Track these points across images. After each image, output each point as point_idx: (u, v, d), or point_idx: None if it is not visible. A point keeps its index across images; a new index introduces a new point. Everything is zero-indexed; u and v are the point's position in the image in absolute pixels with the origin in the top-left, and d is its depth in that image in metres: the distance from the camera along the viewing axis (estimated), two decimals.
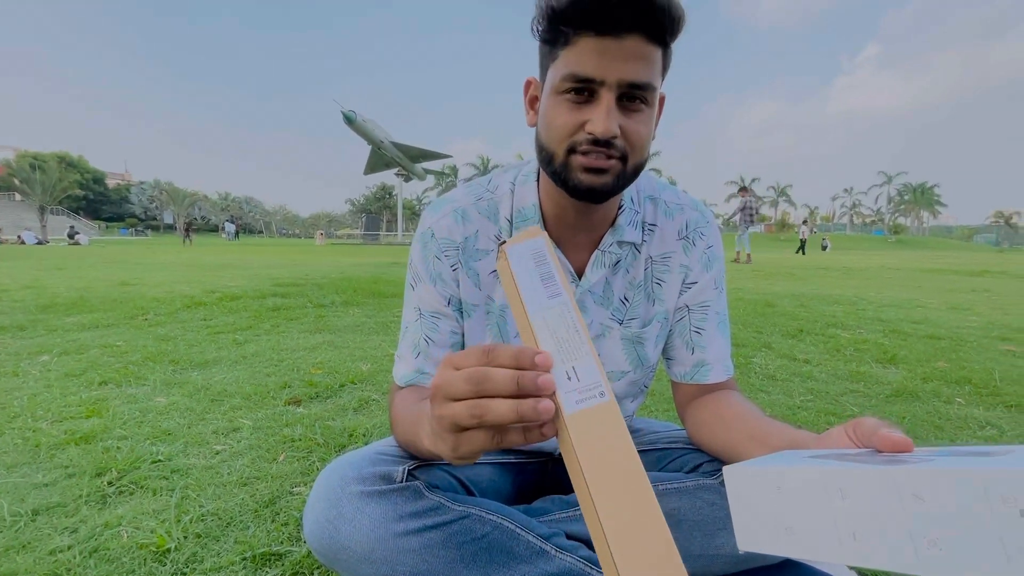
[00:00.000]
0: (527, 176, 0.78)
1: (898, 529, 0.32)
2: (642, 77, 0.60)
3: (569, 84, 0.61)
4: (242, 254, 14.56)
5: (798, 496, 0.38)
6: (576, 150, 0.64)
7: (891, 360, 2.64)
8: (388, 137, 32.09)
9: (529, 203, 0.76)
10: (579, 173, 0.65)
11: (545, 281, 0.42)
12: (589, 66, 0.60)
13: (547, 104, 0.66)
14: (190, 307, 3.98)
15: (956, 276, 9.15)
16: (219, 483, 1.21)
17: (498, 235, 0.78)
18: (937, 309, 4.70)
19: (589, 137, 0.62)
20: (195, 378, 2.08)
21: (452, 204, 0.79)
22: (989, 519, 0.29)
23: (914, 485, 0.32)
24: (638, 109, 0.63)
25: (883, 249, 37.32)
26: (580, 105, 0.62)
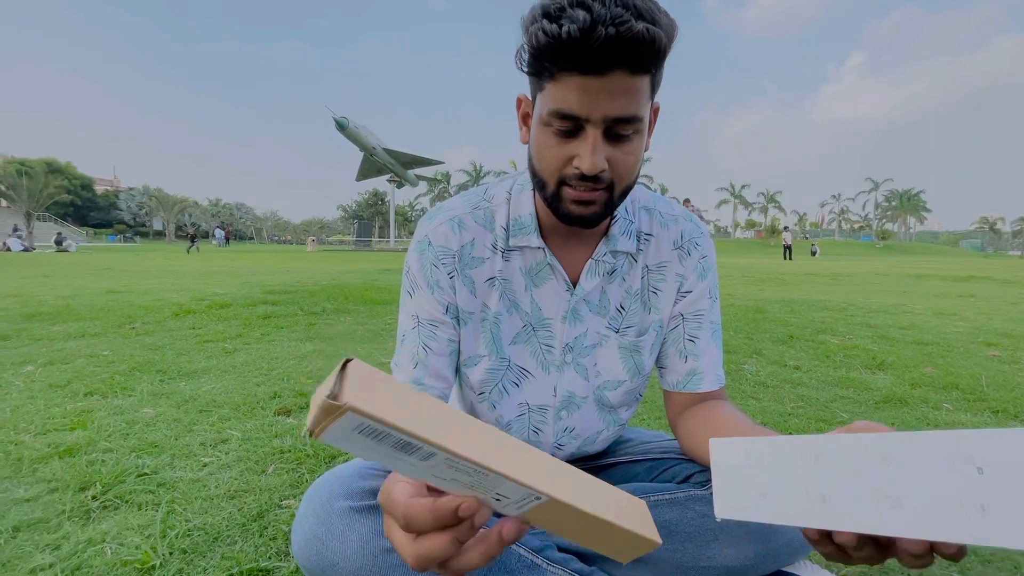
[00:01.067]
0: (523, 185, 0.79)
1: (865, 491, 0.33)
2: (628, 111, 0.60)
3: (555, 120, 0.62)
4: (232, 261, 14.45)
5: (776, 463, 0.40)
6: (566, 182, 0.65)
7: (880, 366, 2.67)
8: (380, 143, 32.09)
9: (526, 212, 0.77)
10: (569, 204, 0.66)
11: (402, 448, 0.33)
12: (574, 104, 0.60)
13: (537, 133, 0.66)
14: (179, 315, 3.93)
15: (942, 281, 9.28)
16: (206, 496, 1.19)
17: (494, 243, 0.78)
18: (924, 315, 4.75)
19: (577, 172, 0.63)
20: (183, 388, 2.05)
21: (448, 213, 0.79)
22: (950, 478, 0.30)
23: (882, 448, 0.33)
24: (626, 140, 0.63)
25: (871, 255, 37.79)
26: (567, 139, 0.63)
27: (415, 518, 0.39)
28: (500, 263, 0.78)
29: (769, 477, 0.41)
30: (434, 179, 62.49)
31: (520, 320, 0.79)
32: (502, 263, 0.78)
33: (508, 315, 0.79)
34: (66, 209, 59.98)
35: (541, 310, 0.79)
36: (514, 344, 0.80)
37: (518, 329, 0.79)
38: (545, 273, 0.78)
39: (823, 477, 0.36)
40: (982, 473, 0.29)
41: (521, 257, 0.78)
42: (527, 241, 0.76)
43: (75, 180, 63.23)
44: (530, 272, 0.78)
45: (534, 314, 0.79)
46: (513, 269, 0.78)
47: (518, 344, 0.80)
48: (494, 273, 0.78)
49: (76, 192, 62.74)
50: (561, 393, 0.83)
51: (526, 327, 0.79)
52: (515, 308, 0.78)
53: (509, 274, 0.78)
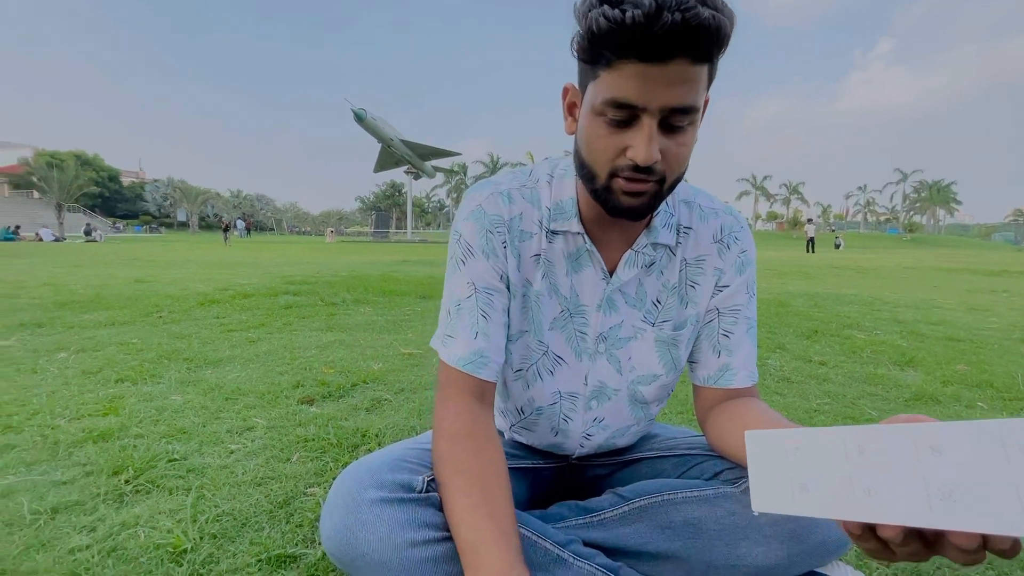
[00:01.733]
0: (566, 170, 0.78)
1: (913, 482, 0.32)
2: (686, 101, 0.58)
3: (611, 109, 0.60)
4: (253, 252, 14.70)
5: (816, 455, 0.39)
6: (618, 174, 0.63)
7: (909, 362, 2.59)
8: (398, 135, 32.20)
9: (567, 197, 0.76)
10: (620, 196, 0.64)
11: None
12: (631, 92, 0.57)
13: (587, 122, 0.64)
14: (204, 305, 4.02)
15: (974, 276, 8.98)
16: (234, 483, 1.21)
17: (540, 220, 0.77)
18: (956, 310, 4.61)
19: (630, 163, 0.61)
20: (209, 376, 2.10)
21: (498, 186, 0.78)
22: (1005, 467, 0.28)
23: (931, 439, 0.32)
24: (681, 131, 0.61)
25: (898, 248, 36.73)
26: (621, 129, 0.61)
27: None
28: (545, 242, 0.77)
29: (809, 469, 0.39)
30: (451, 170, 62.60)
31: (559, 304, 0.78)
32: (546, 243, 0.77)
33: (548, 297, 0.78)
34: (94, 200, 61.59)
35: (579, 296, 0.78)
36: (552, 329, 0.79)
37: (556, 313, 0.78)
38: (584, 259, 0.77)
39: (868, 468, 0.35)
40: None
41: (563, 241, 0.77)
42: (567, 226, 0.76)
43: (103, 172, 64.89)
44: (571, 257, 0.77)
45: (572, 300, 0.78)
46: (556, 251, 0.77)
47: (555, 330, 0.79)
48: (539, 250, 0.77)
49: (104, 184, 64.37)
50: (592, 382, 0.82)
51: (564, 312, 0.78)
52: (555, 291, 0.78)
53: (552, 256, 0.77)
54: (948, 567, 0.96)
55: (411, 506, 0.66)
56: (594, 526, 0.78)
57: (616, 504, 0.79)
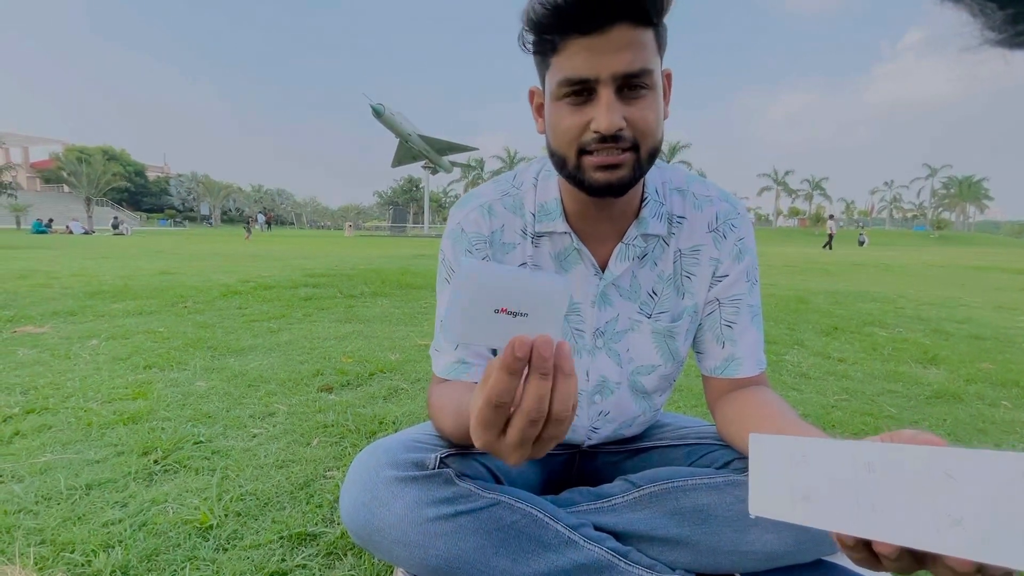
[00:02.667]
0: (550, 171, 0.79)
1: (923, 505, 0.32)
2: (636, 65, 0.60)
3: (566, 89, 0.62)
4: (274, 245, 14.95)
5: (823, 466, 0.39)
6: (586, 150, 0.64)
7: (932, 360, 2.54)
8: (415, 130, 32.35)
9: (551, 197, 0.77)
10: (593, 172, 0.65)
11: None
12: (581, 67, 0.60)
13: (550, 111, 0.66)
14: (226, 296, 4.11)
15: (1004, 274, 8.70)
16: (257, 465, 1.26)
17: (524, 229, 0.78)
18: (982, 308, 4.49)
19: (596, 136, 0.62)
20: (232, 364, 2.16)
21: (479, 200, 0.80)
22: (1018, 501, 0.28)
23: (947, 464, 0.32)
24: (640, 96, 0.62)
25: (925, 245, 35.70)
26: (581, 106, 0.63)
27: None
28: (530, 248, 0.78)
29: (813, 479, 0.39)
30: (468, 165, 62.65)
31: None
32: (532, 248, 0.78)
33: None
34: (121, 195, 63.25)
35: (571, 295, 0.79)
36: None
37: None
38: (573, 258, 0.78)
39: (876, 486, 0.35)
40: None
41: (550, 242, 0.78)
42: (553, 226, 0.76)
43: (129, 167, 66.48)
44: (558, 257, 0.78)
45: None
46: (543, 254, 0.78)
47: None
48: (525, 258, 0.78)
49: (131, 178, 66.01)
50: (594, 378, 0.83)
51: None
52: None
53: (539, 259, 0.78)
54: None
55: (424, 483, 0.69)
56: (605, 511, 0.80)
57: (627, 490, 0.81)
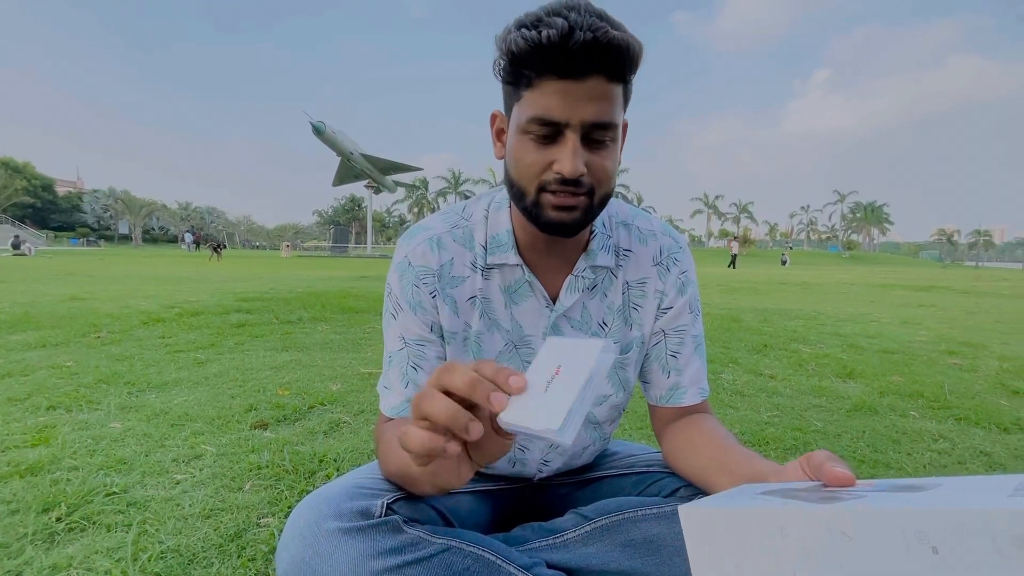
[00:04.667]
0: (500, 203, 0.79)
1: (831, 566, 0.34)
2: (605, 116, 0.62)
3: (535, 127, 0.63)
4: (202, 267, 14.07)
5: (744, 535, 0.40)
6: (546, 188, 0.65)
7: (850, 375, 2.75)
8: (358, 149, 31.81)
9: (503, 229, 0.77)
10: (550, 211, 0.66)
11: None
12: (553, 109, 0.61)
13: (514, 142, 0.67)
14: (147, 324, 3.80)
15: (905, 291, 9.65)
16: (180, 516, 1.15)
17: (473, 262, 0.78)
18: (889, 324, 4.93)
19: (557, 176, 0.64)
20: (153, 401, 1.98)
21: (427, 232, 0.79)
22: (906, 556, 0.30)
23: (841, 523, 0.34)
24: (603, 146, 0.65)
25: (838, 264, 39.06)
26: (546, 145, 0.64)
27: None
28: (480, 281, 0.77)
29: (740, 550, 0.41)
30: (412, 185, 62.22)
31: (501, 338, 0.78)
32: (482, 281, 0.77)
33: (489, 334, 0.78)
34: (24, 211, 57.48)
35: (522, 327, 0.78)
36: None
37: (500, 347, 0.79)
38: (524, 290, 0.78)
39: (791, 550, 0.37)
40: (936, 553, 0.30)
41: (500, 275, 0.78)
42: (505, 259, 0.76)
43: (35, 181, 60.72)
44: (509, 290, 0.78)
45: (515, 331, 0.78)
46: (492, 287, 0.78)
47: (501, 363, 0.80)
48: (475, 292, 0.77)
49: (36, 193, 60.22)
50: None
51: (508, 345, 0.79)
52: (496, 327, 0.78)
53: (489, 292, 0.78)
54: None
55: (370, 533, 0.65)
56: (557, 548, 0.78)
57: (578, 524, 0.80)
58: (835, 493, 0.42)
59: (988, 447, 1.75)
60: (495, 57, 0.65)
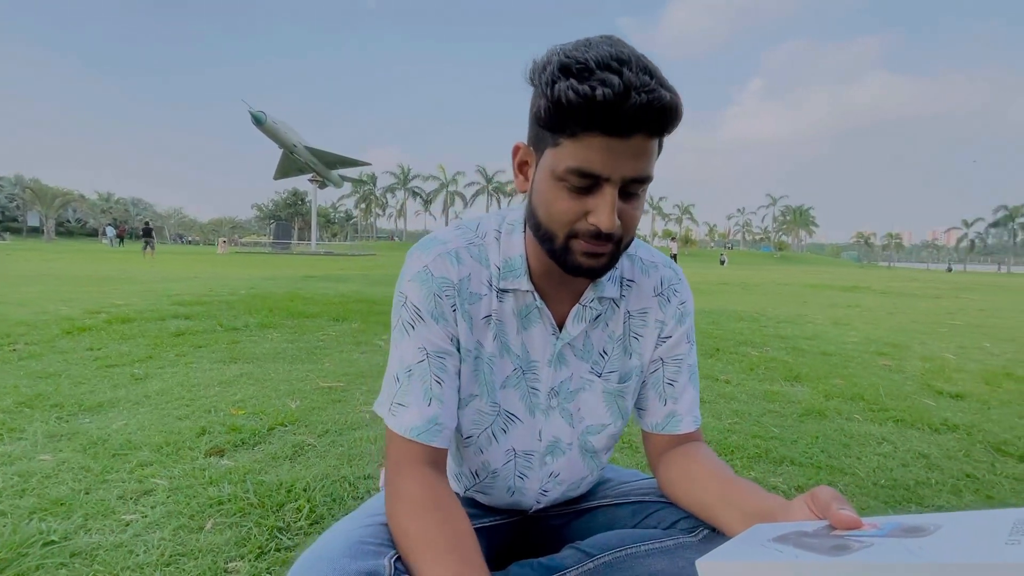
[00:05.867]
0: (513, 225, 0.78)
1: None
2: (644, 172, 0.63)
3: (574, 178, 0.62)
4: (129, 264, 13.03)
5: None
6: (577, 236, 0.65)
7: (796, 378, 2.92)
8: (302, 141, 30.51)
9: (516, 254, 0.76)
10: (579, 257, 0.66)
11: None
12: (596, 164, 0.60)
13: (546, 187, 0.66)
14: (71, 333, 3.46)
15: (833, 291, 10.40)
16: (135, 565, 1.04)
17: (490, 280, 0.76)
18: (824, 325, 5.29)
19: (592, 229, 0.64)
20: (88, 427, 1.80)
21: (444, 245, 0.76)
22: None
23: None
24: (635, 197, 0.65)
25: (771, 264, 41.59)
26: (582, 195, 0.63)
27: None
28: (495, 302, 0.76)
29: None
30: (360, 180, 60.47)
31: (511, 363, 0.77)
32: (497, 303, 0.76)
33: (500, 357, 0.77)
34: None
35: (529, 353, 0.78)
36: (504, 388, 0.78)
37: (509, 372, 0.78)
38: (533, 316, 0.77)
39: None
40: None
41: (513, 298, 0.77)
42: (517, 284, 0.75)
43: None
44: (520, 314, 0.77)
45: (523, 357, 0.78)
46: (506, 310, 0.77)
47: (508, 388, 0.78)
48: (490, 311, 0.76)
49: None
50: (546, 438, 0.82)
51: (516, 370, 0.78)
52: (507, 351, 0.77)
53: (503, 315, 0.77)
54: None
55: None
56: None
57: (580, 561, 0.79)
58: (844, 538, 0.44)
59: (925, 448, 1.90)
60: (535, 99, 0.63)
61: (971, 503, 1.51)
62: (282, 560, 1.08)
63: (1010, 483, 1.64)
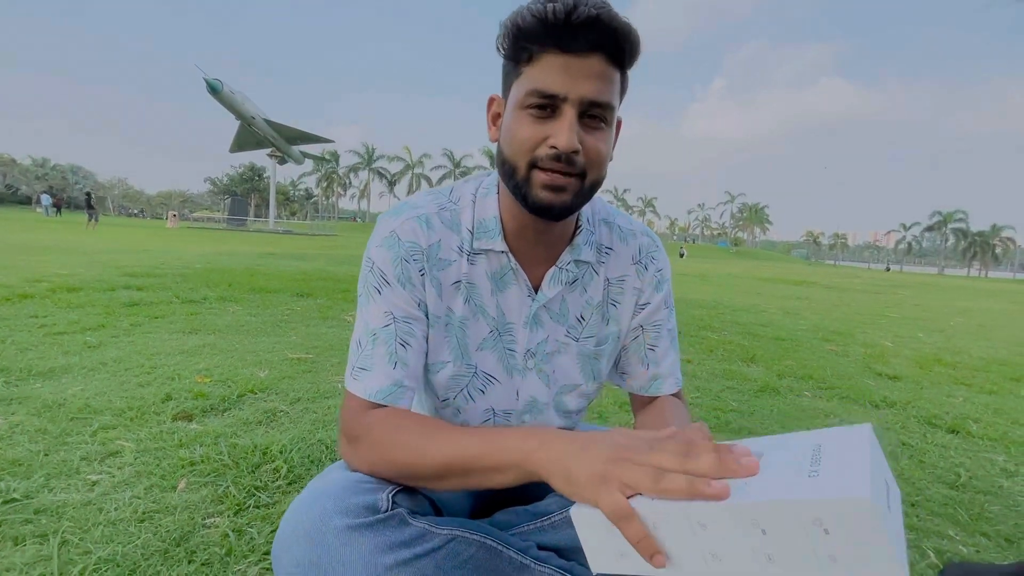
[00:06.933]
0: (488, 188, 0.78)
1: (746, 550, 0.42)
2: (603, 96, 0.64)
3: (533, 99, 0.63)
4: (68, 235, 12.21)
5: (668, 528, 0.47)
6: (538, 165, 0.65)
7: (752, 359, 3.08)
8: (261, 114, 29.12)
9: (490, 215, 0.76)
10: (539, 190, 0.66)
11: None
12: (553, 82, 0.62)
13: (510, 119, 0.67)
14: (10, 300, 3.25)
15: (784, 285, 10.92)
16: (107, 521, 1.01)
17: (460, 245, 0.76)
18: (776, 314, 5.57)
19: (551, 152, 0.64)
20: (41, 391, 1.71)
21: (415, 210, 0.76)
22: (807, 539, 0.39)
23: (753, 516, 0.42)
24: (598, 127, 0.66)
25: (727, 259, 43.11)
26: (543, 120, 0.64)
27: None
28: (466, 266, 0.76)
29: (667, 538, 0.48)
30: (321, 158, 58.39)
31: (487, 325, 0.78)
32: (468, 266, 0.76)
33: (474, 320, 0.77)
34: None
35: (505, 314, 0.78)
36: (481, 350, 0.79)
37: (484, 334, 0.78)
38: (508, 278, 0.78)
39: (711, 539, 0.44)
40: (828, 534, 0.38)
41: (486, 261, 0.77)
42: (491, 245, 0.75)
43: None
44: (494, 276, 0.77)
45: (499, 318, 0.78)
46: (479, 273, 0.77)
47: (484, 350, 0.79)
48: (460, 276, 0.76)
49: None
50: (524, 397, 0.84)
51: (492, 332, 0.78)
52: (481, 313, 0.77)
53: (475, 278, 0.77)
54: None
55: (379, 528, 0.63)
56: (545, 530, 0.81)
57: (563, 506, 0.83)
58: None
59: (867, 421, 2.06)
60: (498, 35, 0.65)
61: (906, 466, 1.65)
62: (262, 516, 1.08)
63: (938, 450, 1.81)
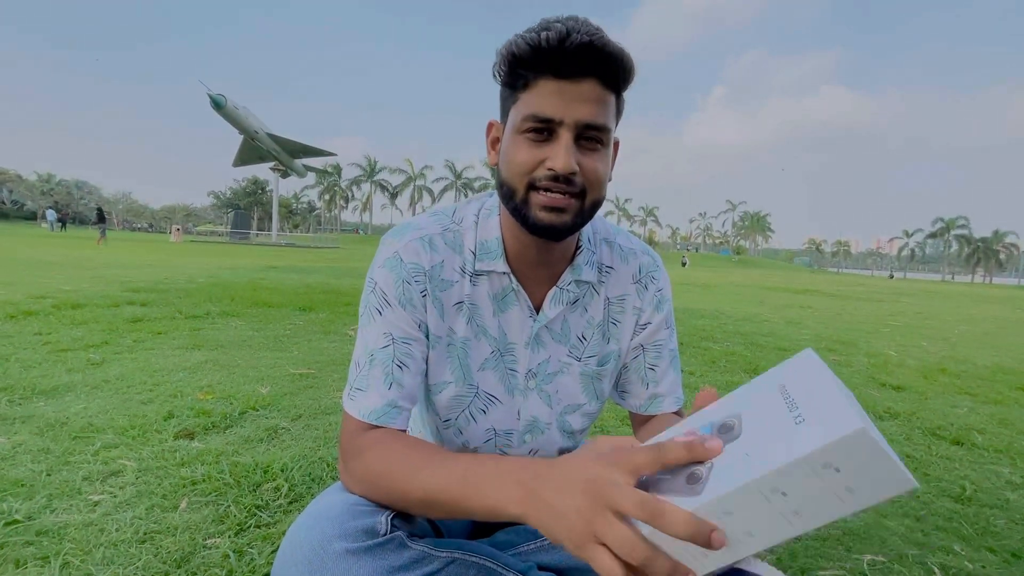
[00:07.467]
0: (491, 210, 0.79)
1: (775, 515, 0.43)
2: (598, 119, 0.65)
3: (530, 123, 0.65)
4: (73, 250, 12.29)
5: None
6: (536, 186, 0.67)
7: (755, 371, 3.07)
8: (264, 128, 29.45)
9: (492, 236, 0.77)
10: (538, 211, 0.67)
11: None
12: (549, 106, 0.64)
13: (508, 143, 0.68)
14: (15, 317, 3.27)
15: (787, 293, 10.89)
16: (108, 543, 1.01)
17: (463, 267, 0.77)
18: (778, 323, 5.55)
19: (549, 173, 0.65)
20: (44, 410, 1.72)
21: (418, 231, 0.77)
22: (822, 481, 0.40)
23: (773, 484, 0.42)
24: (595, 148, 0.67)
25: (729, 267, 43.07)
26: (540, 144, 0.66)
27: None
28: (468, 287, 0.77)
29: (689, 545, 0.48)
30: (324, 171, 58.87)
31: (488, 345, 0.78)
32: (470, 287, 0.77)
33: (476, 340, 0.78)
34: None
35: (506, 335, 0.79)
36: (482, 370, 0.79)
37: (486, 355, 0.78)
38: (510, 298, 0.78)
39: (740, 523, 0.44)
40: (840, 471, 0.39)
41: (488, 282, 0.77)
42: (493, 266, 0.76)
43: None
44: (496, 297, 0.78)
45: (500, 339, 0.79)
46: (481, 294, 0.77)
47: (486, 370, 0.79)
48: (462, 297, 0.77)
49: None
50: (525, 417, 0.84)
51: (494, 352, 0.79)
52: (483, 333, 0.78)
53: (477, 299, 0.77)
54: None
55: (378, 552, 0.63)
56: (546, 549, 0.80)
57: None
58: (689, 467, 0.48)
59: None
60: (495, 62, 0.67)
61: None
62: (263, 536, 1.08)
63: (943, 462, 1.80)
